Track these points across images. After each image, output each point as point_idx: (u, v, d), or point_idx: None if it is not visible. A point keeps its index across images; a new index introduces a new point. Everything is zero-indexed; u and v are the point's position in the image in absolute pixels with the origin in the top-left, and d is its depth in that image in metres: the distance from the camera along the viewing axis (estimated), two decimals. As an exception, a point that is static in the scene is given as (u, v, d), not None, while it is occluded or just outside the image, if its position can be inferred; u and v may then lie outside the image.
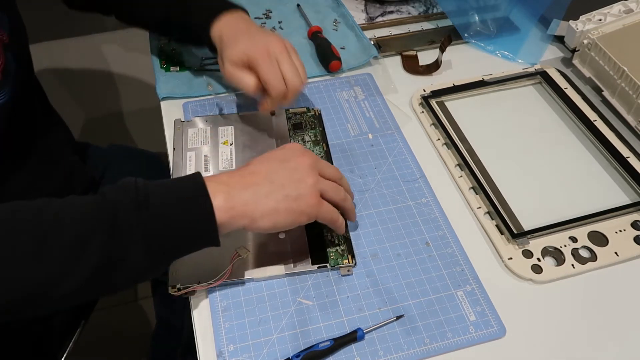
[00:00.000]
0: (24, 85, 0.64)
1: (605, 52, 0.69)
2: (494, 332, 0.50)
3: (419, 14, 0.85)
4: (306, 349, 0.48)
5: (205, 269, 0.53)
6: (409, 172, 0.63)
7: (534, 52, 0.78)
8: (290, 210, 0.48)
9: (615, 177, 0.63)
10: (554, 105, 0.71)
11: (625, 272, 0.54)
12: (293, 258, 0.54)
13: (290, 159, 0.50)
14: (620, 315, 0.51)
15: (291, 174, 0.49)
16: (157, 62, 0.75)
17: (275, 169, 0.49)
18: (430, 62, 0.76)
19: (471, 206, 0.59)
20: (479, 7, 0.81)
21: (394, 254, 0.55)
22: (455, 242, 0.56)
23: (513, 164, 0.64)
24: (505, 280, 0.54)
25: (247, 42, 0.60)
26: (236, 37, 0.61)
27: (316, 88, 0.72)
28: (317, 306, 0.51)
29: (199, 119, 0.67)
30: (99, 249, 0.41)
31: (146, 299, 1.28)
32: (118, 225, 0.42)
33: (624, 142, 0.65)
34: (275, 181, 0.48)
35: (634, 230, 0.57)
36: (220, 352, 0.48)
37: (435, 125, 0.68)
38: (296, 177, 0.49)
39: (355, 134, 0.67)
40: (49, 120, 0.74)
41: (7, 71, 0.59)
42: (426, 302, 0.52)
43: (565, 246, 0.55)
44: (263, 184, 0.48)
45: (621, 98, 0.68)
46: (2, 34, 0.58)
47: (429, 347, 0.49)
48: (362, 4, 0.86)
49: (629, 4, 0.74)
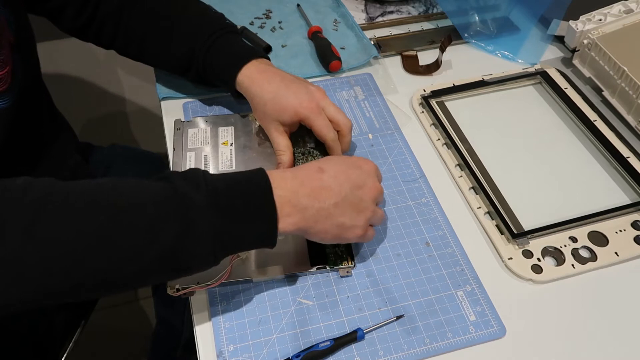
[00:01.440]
0: (31, 88, 0.63)
1: (605, 52, 0.69)
2: (494, 332, 0.50)
3: (419, 14, 0.85)
4: (306, 349, 0.48)
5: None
6: (409, 172, 0.63)
7: (534, 52, 0.78)
8: (338, 236, 0.49)
9: (615, 177, 0.63)
10: (554, 105, 0.71)
11: (625, 272, 0.54)
12: (292, 259, 0.54)
13: (363, 187, 0.50)
14: (620, 315, 0.51)
15: (357, 203, 0.49)
16: (157, 62, 0.75)
17: (345, 193, 0.49)
18: (430, 62, 0.76)
19: (471, 206, 0.59)
20: (479, 7, 0.81)
21: (394, 254, 0.55)
22: (455, 242, 0.56)
23: (513, 163, 0.64)
24: (505, 280, 0.54)
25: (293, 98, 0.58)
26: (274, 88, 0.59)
27: (316, 88, 0.72)
28: (317, 306, 0.51)
29: (199, 119, 0.67)
30: (171, 236, 0.42)
31: (146, 299, 1.28)
32: (193, 221, 0.42)
33: (624, 142, 0.65)
34: (340, 206, 0.48)
35: (634, 230, 0.57)
36: (220, 352, 0.48)
37: (435, 125, 0.68)
38: (359, 208, 0.50)
39: (355, 134, 0.67)
40: (55, 121, 0.73)
41: (15, 73, 0.58)
42: (426, 302, 0.52)
43: (565, 246, 0.55)
44: (328, 205, 0.48)
45: (621, 98, 0.68)
46: (8, 34, 0.57)
47: (429, 347, 0.49)
48: (362, 4, 0.86)
49: (629, 4, 0.74)
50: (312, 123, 0.58)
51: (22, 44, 0.60)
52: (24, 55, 0.61)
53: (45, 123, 0.69)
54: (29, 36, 0.64)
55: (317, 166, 0.50)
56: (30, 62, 0.64)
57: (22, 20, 0.62)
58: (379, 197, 0.52)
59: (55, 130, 0.72)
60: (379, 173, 0.54)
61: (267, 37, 0.79)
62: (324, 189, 0.48)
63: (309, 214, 0.47)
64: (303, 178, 0.49)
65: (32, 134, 0.65)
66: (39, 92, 0.69)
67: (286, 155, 0.60)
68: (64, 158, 0.72)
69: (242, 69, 0.61)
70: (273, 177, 0.47)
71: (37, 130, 0.66)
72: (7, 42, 0.57)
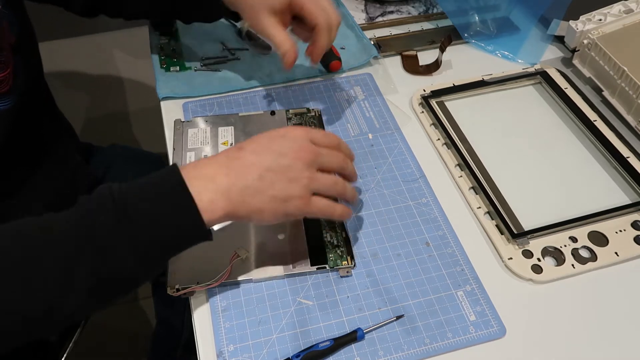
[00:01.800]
0: (33, 88, 0.63)
1: (605, 52, 0.69)
2: (494, 332, 0.50)
3: (419, 14, 0.85)
4: (306, 349, 0.48)
5: (204, 269, 0.53)
6: (409, 172, 0.63)
7: (534, 52, 0.78)
8: (275, 211, 0.46)
9: (615, 177, 0.63)
10: (554, 105, 0.71)
11: (625, 272, 0.54)
12: (292, 259, 0.54)
13: (288, 153, 0.46)
14: (621, 315, 0.51)
15: (284, 172, 0.46)
16: (157, 62, 0.75)
17: (268, 164, 0.46)
18: (430, 62, 0.76)
19: (471, 206, 0.59)
20: (479, 7, 0.81)
21: (394, 254, 0.55)
22: (455, 242, 0.56)
23: (513, 163, 0.64)
24: (505, 280, 0.54)
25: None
26: None
27: (316, 88, 0.72)
28: (317, 306, 0.51)
29: (199, 119, 0.67)
30: (88, 274, 0.40)
31: (146, 299, 1.28)
32: (102, 246, 0.40)
33: (624, 142, 0.65)
34: (265, 179, 0.45)
35: (634, 230, 0.57)
36: (220, 352, 0.48)
37: (435, 125, 0.68)
38: (288, 177, 0.46)
39: (355, 134, 0.67)
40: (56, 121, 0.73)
41: (16, 74, 0.58)
42: (426, 302, 0.52)
43: (565, 246, 0.55)
44: (251, 180, 0.45)
45: (621, 98, 0.68)
46: (9, 36, 0.57)
47: (429, 347, 0.49)
48: (362, 4, 0.86)
49: (629, 4, 0.74)
50: (303, 4, 0.55)
51: (24, 45, 0.60)
52: (26, 56, 0.60)
53: (46, 123, 0.69)
54: (31, 36, 0.64)
55: (236, 146, 0.47)
56: (31, 62, 0.64)
57: (24, 21, 0.62)
58: (315, 160, 0.47)
59: (56, 130, 0.72)
60: (315, 136, 0.49)
61: (267, 37, 0.79)
62: (244, 166, 0.45)
63: (233, 195, 0.44)
64: (220, 161, 0.46)
65: (34, 134, 0.65)
66: (40, 92, 0.69)
67: (287, 44, 0.56)
68: (64, 158, 0.72)
69: None
70: (186, 168, 0.44)
71: (38, 131, 0.66)
72: (8, 44, 0.57)
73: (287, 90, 0.72)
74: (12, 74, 0.57)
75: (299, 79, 0.74)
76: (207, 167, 0.45)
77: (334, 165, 0.49)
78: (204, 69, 0.74)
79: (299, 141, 0.47)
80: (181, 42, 0.78)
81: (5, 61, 0.56)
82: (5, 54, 0.56)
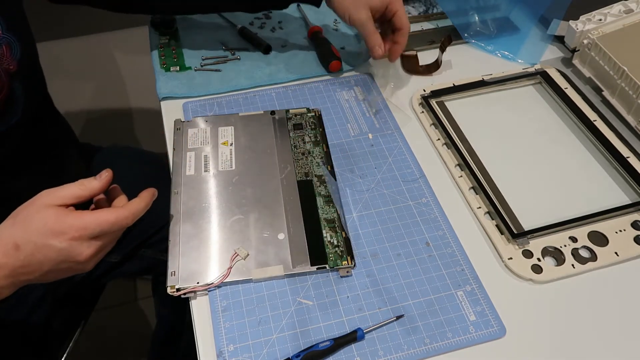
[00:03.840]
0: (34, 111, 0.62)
1: (605, 52, 0.69)
2: (494, 332, 0.50)
3: (419, 14, 0.85)
4: (306, 349, 0.48)
5: (204, 269, 0.53)
6: (409, 172, 0.63)
7: (534, 52, 0.78)
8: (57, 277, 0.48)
9: (615, 177, 0.63)
10: (554, 105, 0.71)
11: (625, 272, 0.54)
12: (292, 259, 0.54)
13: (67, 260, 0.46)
14: (621, 315, 0.51)
15: (67, 270, 0.47)
16: (157, 62, 0.75)
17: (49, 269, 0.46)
18: (430, 62, 0.76)
19: (471, 206, 0.59)
20: (479, 7, 0.81)
21: (394, 254, 0.55)
22: (455, 242, 0.56)
23: (513, 163, 0.64)
24: (505, 280, 0.54)
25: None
26: None
27: (316, 88, 0.72)
28: (317, 306, 0.51)
29: (199, 119, 0.67)
30: None
31: (146, 299, 1.28)
32: None
33: (624, 142, 0.65)
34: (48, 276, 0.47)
35: (634, 230, 0.57)
36: (220, 352, 0.48)
37: (435, 125, 0.68)
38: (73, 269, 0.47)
39: (355, 134, 0.67)
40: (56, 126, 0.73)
41: (13, 100, 0.57)
42: (426, 302, 0.52)
43: (565, 246, 0.55)
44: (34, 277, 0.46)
45: (621, 98, 0.68)
46: (10, 62, 0.56)
47: (429, 347, 0.49)
48: (362, 4, 0.86)
49: (629, 4, 0.74)
50: (397, 8, 0.65)
51: (25, 71, 0.58)
52: (26, 83, 0.59)
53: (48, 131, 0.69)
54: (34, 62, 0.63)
55: (13, 242, 0.45)
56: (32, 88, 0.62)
57: (28, 44, 0.60)
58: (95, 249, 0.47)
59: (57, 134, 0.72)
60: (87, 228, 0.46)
61: (267, 37, 0.79)
62: (23, 267, 0.45)
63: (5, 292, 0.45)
64: None
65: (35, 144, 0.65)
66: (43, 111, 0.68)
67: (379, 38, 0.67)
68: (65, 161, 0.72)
69: None
70: None
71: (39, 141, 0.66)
72: (5, 71, 0.55)
73: (287, 90, 0.72)
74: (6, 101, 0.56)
75: (299, 79, 0.74)
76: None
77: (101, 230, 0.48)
78: (204, 69, 0.74)
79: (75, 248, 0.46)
80: (181, 41, 0.79)
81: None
82: None
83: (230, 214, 0.57)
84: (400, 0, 0.66)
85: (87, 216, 0.46)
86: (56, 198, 0.47)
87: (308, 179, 0.61)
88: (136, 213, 0.49)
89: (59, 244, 0.45)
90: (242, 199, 0.59)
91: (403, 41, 0.68)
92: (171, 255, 0.54)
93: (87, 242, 0.46)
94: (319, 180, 0.61)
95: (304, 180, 0.61)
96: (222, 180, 0.61)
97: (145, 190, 0.51)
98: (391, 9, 0.65)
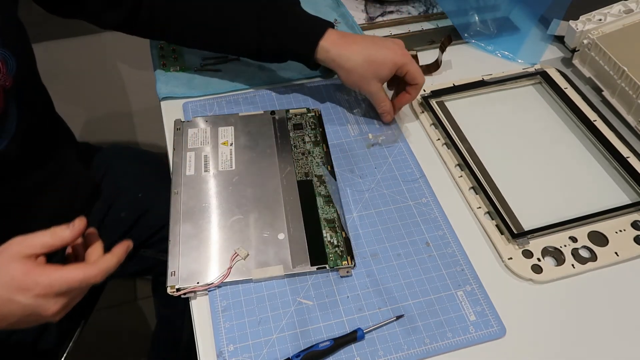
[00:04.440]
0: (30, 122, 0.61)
1: (605, 52, 0.69)
2: (494, 332, 0.50)
3: (419, 14, 0.85)
4: (306, 349, 0.48)
5: (204, 269, 0.53)
6: (409, 172, 0.63)
7: (534, 52, 0.78)
8: None
9: (615, 177, 0.63)
10: (554, 105, 0.71)
11: (625, 272, 0.54)
12: (292, 259, 0.54)
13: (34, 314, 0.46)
14: (621, 315, 0.51)
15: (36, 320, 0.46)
16: (157, 62, 0.75)
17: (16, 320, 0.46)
18: (430, 62, 0.75)
19: (471, 206, 0.59)
20: (479, 7, 0.81)
21: (394, 254, 0.55)
22: (455, 242, 0.56)
23: (513, 164, 0.64)
24: (505, 280, 0.54)
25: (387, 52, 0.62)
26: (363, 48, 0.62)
27: (316, 88, 0.72)
28: (317, 306, 0.51)
29: (199, 119, 0.67)
30: None
31: (146, 299, 1.28)
32: None
33: (624, 142, 0.65)
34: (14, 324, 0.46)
35: (634, 230, 0.57)
36: (220, 352, 0.48)
37: (435, 125, 0.68)
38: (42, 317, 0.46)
39: (355, 134, 0.67)
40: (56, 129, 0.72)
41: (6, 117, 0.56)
42: (426, 302, 0.52)
43: (565, 246, 0.55)
44: None
45: (621, 98, 0.68)
46: (5, 79, 0.54)
47: (429, 347, 0.49)
48: (362, 4, 0.86)
49: (629, 4, 0.74)
50: (408, 69, 0.62)
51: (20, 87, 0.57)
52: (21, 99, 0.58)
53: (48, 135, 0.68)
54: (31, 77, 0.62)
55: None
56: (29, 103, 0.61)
57: (25, 57, 0.59)
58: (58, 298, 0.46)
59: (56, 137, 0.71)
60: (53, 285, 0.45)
61: (267, 37, 0.78)
62: None
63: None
64: None
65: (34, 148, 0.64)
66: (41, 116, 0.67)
67: (388, 104, 0.66)
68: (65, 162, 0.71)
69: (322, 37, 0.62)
70: None
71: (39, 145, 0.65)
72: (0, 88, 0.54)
73: (287, 90, 0.72)
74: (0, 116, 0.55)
75: (299, 79, 0.74)
76: None
77: None
78: (204, 69, 0.74)
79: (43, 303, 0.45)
80: (181, 42, 0.78)
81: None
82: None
83: (230, 214, 0.57)
84: (411, 61, 0.63)
85: (54, 273, 0.45)
86: (26, 247, 0.46)
87: (308, 179, 0.61)
88: (106, 270, 0.47)
89: (24, 300, 0.44)
90: (242, 199, 0.59)
91: (415, 94, 0.65)
92: (171, 255, 0.54)
93: (53, 299, 0.45)
94: (319, 180, 0.61)
95: (304, 180, 0.61)
96: (222, 180, 0.61)
97: (119, 245, 0.49)
98: (402, 71, 0.63)
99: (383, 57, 0.62)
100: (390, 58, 0.62)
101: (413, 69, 0.63)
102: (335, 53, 0.62)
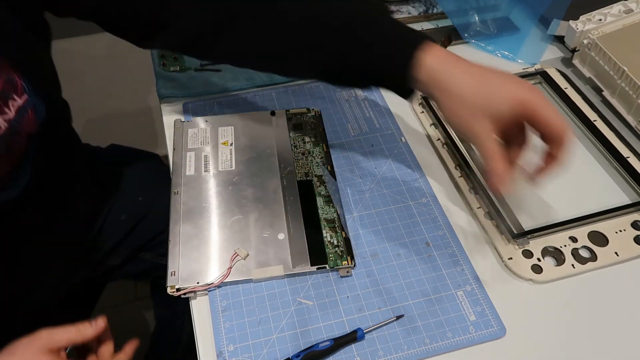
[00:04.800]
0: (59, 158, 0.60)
1: (605, 52, 0.69)
2: (494, 332, 0.50)
3: (419, 14, 0.85)
4: (306, 349, 0.48)
5: (204, 269, 0.53)
6: (409, 172, 0.63)
7: (534, 52, 0.78)
8: None
9: (615, 177, 0.63)
10: (554, 105, 0.71)
11: (625, 272, 0.54)
12: (292, 259, 0.54)
13: None
14: (621, 315, 0.51)
15: None
16: (157, 62, 0.75)
17: None
18: (430, 62, 0.75)
19: (471, 206, 0.59)
20: (479, 7, 0.81)
21: (394, 254, 0.55)
22: (455, 242, 0.56)
23: (513, 164, 0.64)
24: (505, 280, 0.54)
25: (509, 83, 0.45)
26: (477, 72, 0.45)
27: (316, 88, 0.72)
28: (317, 306, 0.51)
29: (199, 119, 0.67)
30: None
31: (146, 299, 1.28)
32: None
33: (624, 142, 0.65)
34: None
35: (634, 230, 0.57)
36: (220, 352, 0.48)
37: (435, 125, 0.68)
38: None
39: (355, 134, 0.67)
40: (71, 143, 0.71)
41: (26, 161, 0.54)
42: (426, 302, 0.52)
43: (565, 246, 0.55)
44: None
45: (621, 98, 0.68)
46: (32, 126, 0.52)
47: (429, 347, 0.49)
48: (362, 4, 0.86)
49: (629, 4, 0.74)
50: (542, 111, 0.43)
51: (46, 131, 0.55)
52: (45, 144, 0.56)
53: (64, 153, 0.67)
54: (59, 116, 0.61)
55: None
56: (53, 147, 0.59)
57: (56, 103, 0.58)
58: None
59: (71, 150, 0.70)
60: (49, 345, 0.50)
61: (267, 37, 0.78)
62: None
63: None
64: None
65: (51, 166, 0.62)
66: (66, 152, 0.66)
67: (502, 164, 0.44)
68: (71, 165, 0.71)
69: (416, 57, 0.46)
70: None
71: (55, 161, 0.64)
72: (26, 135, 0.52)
73: (287, 90, 0.72)
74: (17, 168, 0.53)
75: (299, 78, 0.74)
76: None
77: None
78: (204, 69, 0.74)
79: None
80: (181, 42, 0.78)
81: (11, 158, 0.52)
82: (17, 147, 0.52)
83: (230, 214, 0.57)
84: (546, 103, 0.44)
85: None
86: (52, 342, 0.50)
87: (308, 179, 0.61)
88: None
89: None
90: (242, 199, 0.59)
91: (562, 156, 0.45)
92: (171, 255, 0.54)
93: None
94: (319, 180, 0.61)
95: (304, 180, 0.61)
96: (222, 180, 0.61)
97: (129, 345, 0.57)
98: (529, 114, 0.44)
99: (502, 88, 0.44)
100: (512, 91, 0.44)
101: (552, 112, 0.43)
102: (444, 71, 0.45)
